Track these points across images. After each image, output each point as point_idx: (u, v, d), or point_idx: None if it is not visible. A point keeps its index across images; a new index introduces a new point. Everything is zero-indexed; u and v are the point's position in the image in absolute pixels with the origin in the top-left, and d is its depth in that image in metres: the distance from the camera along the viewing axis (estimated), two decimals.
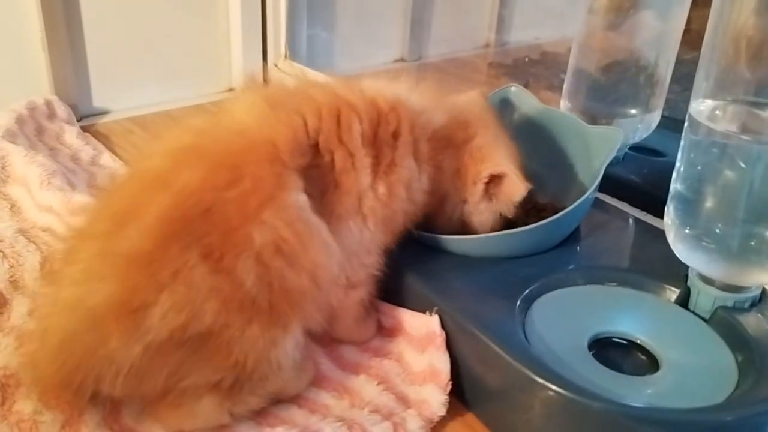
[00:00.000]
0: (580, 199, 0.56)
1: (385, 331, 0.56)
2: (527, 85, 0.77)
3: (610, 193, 0.72)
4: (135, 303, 0.41)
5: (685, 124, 0.52)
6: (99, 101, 1.03)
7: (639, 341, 0.51)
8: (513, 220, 0.60)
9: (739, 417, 0.43)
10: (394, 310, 0.55)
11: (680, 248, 0.53)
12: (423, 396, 0.49)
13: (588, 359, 0.49)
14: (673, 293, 0.54)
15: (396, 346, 0.55)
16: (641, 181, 0.78)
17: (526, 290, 0.53)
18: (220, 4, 1.10)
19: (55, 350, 0.43)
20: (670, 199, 0.54)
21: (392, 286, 0.56)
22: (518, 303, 0.52)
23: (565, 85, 0.82)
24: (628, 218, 0.67)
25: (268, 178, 0.45)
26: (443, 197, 0.58)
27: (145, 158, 0.50)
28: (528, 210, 0.64)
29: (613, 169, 0.66)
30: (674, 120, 0.74)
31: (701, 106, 0.50)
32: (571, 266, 0.58)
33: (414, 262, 0.56)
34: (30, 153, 0.79)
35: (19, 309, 0.56)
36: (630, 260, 0.61)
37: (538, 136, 0.68)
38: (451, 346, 0.51)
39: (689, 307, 0.54)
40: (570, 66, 0.81)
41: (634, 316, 0.53)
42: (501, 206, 0.58)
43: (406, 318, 0.54)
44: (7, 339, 0.53)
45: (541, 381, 0.44)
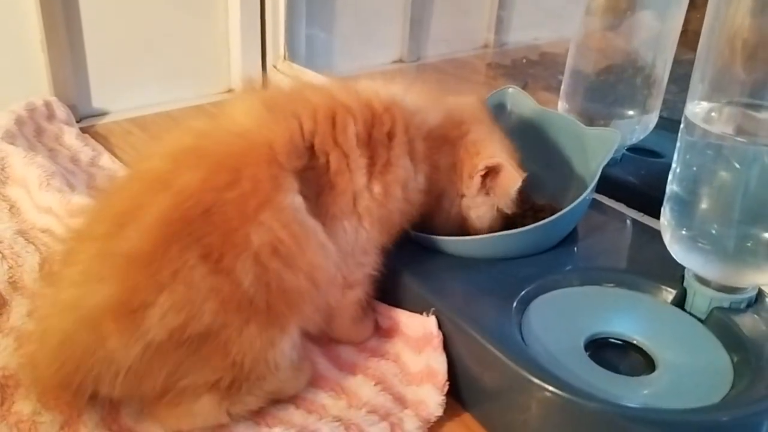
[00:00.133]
0: (577, 200, 0.57)
1: (382, 332, 0.57)
2: (526, 86, 0.77)
3: (607, 194, 0.72)
4: (134, 303, 0.42)
5: (681, 126, 0.52)
6: (98, 102, 1.03)
7: (635, 342, 0.51)
8: (512, 219, 0.61)
9: (735, 417, 0.43)
10: (391, 311, 0.55)
11: (676, 249, 0.53)
12: (420, 396, 0.50)
13: (584, 360, 0.49)
14: (670, 294, 0.55)
15: (393, 346, 0.55)
16: (638, 183, 0.78)
17: (523, 291, 0.54)
18: (219, 5, 1.10)
19: (54, 351, 0.43)
20: (667, 200, 0.54)
21: (389, 287, 0.56)
22: (515, 304, 0.52)
23: (563, 86, 0.82)
24: (625, 219, 0.67)
25: (266, 180, 0.45)
26: (440, 195, 0.58)
27: (145, 159, 0.50)
28: (525, 211, 0.64)
29: (611, 170, 0.66)
30: (672, 121, 0.74)
31: (697, 108, 0.50)
32: (568, 267, 0.58)
33: (411, 263, 0.57)
34: (29, 154, 0.79)
35: (18, 310, 0.57)
36: (627, 261, 0.61)
37: (535, 137, 0.68)
38: (448, 346, 0.51)
39: (685, 307, 0.54)
40: (567, 67, 0.81)
41: (630, 317, 0.53)
42: (498, 200, 0.58)
43: (403, 318, 0.54)
44: (6, 340, 0.53)
45: (537, 381, 0.44)
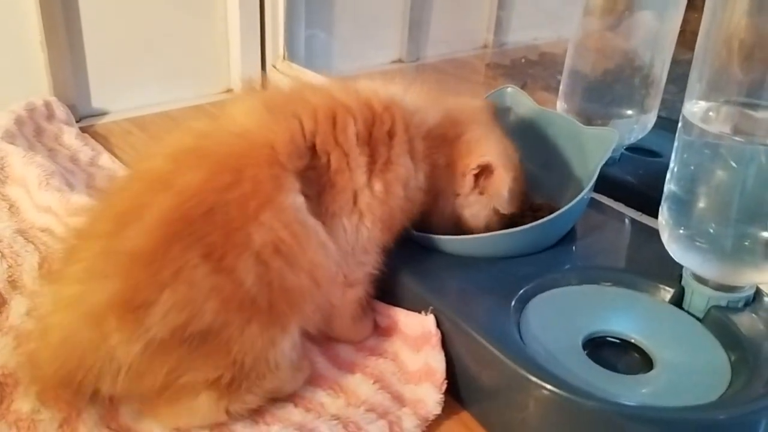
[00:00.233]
0: (576, 199, 0.57)
1: (380, 331, 0.57)
2: (525, 86, 0.77)
3: (606, 193, 0.72)
4: (137, 301, 0.42)
5: (679, 125, 0.52)
6: (98, 102, 1.03)
7: (633, 340, 0.51)
8: (510, 218, 0.61)
9: (732, 416, 0.43)
10: (390, 310, 0.56)
11: (674, 248, 0.53)
12: (418, 395, 0.50)
13: (582, 358, 0.49)
14: (668, 293, 0.55)
15: (391, 345, 0.55)
16: (637, 182, 0.78)
17: (522, 290, 0.54)
18: (218, 5, 1.10)
19: (56, 348, 0.43)
20: (664, 199, 0.54)
21: (388, 286, 0.56)
22: (513, 302, 0.52)
23: (561, 86, 0.82)
24: (624, 218, 0.67)
25: (267, 180, 0.46)
26: (438, 194, 0.58)
27: (146, 159, 0.50)
28: (524, 210, 0.64)
29: (609, 169, 0.67)
30: (670, 120, 0.74)
31: (694, 108, 0.50)
32: (567, 266, 0.58)
33: (409, 262, 0.57)
34: (29, 154, 0.79)
35: (17, 309, 0.57)
36: (625, 260, 0.61)
37: (533, 136, 0.68)
38: (446, 345, 0.51)
39: (683, 306, 0.54)
40: (566, 67, 0.81)
41: (628, 316, 0.53)
42: (492, 199, 0.58)
43: (402, 317, 0.54)
44: (5, 339, 0.53)
45: (535, 380, 0.44)
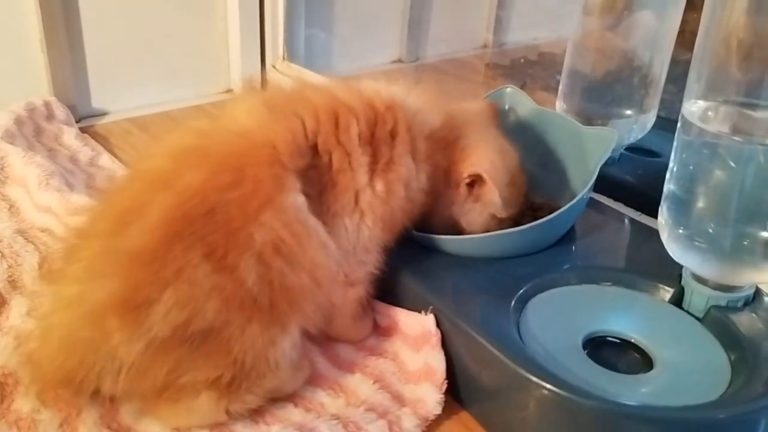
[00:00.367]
0: (575, 199, 0.57)
1: (380, 330, 0.57)
2: (524, 86, 0.77)
3: (605, 193, 0.73)
4: (138, 300, 0.42)
5: (678, 125, 0.52)
6: (98, 102, 1.03)
7: (633, 340, 0.51)
8: (513, 220, 0.61)
9: (732, 415, 0.43)
10: (390, 309, 0.56)
11: (674, 248, 0.53)
12: (418, 395, 0.50)
13: (582, 358, 0.49)
14: (667, 293, 0.55)
15: (391, 345, 0.55)
16: (636, 182, 0.78)
17: (521, 290, 0.54)
18: (218, 5, 1.10)
19: (57, 347, 0.43)
20: (664, 199, 0.54)
21: (388, 286, 0.56)
22: (513, 302, 0.52)
23: (561, 86, 0.82)
24: (623, 218, 0.67)
25: (268, 180, 0.46)
26: (438, 196, 0.58)
27: (147, 159, 0.50)
28: (524, 210, 0.64)
29: (609, 169, 0.67)
30: (670, 120, 0.74)
31: (693, 107, 0.50)
32: (566, 266, 0.58)
33: (410, 262, 0.57)
34: (28, 154, 0.79)
35: (17, 309, 0.57)
36: (624, 260, 0.61)
37: (533, 136, 0.68)
38: (446, 345, 0.51)
39: (683, 306, 0.54)
40: (565, 67, 0.81)
41: (628, 316, 0.53)
42: (487, 207, 0.58)
43: (402, 317, 0.54)
44: (5, 338, 0.53)
45: (535, 380, 0.44)
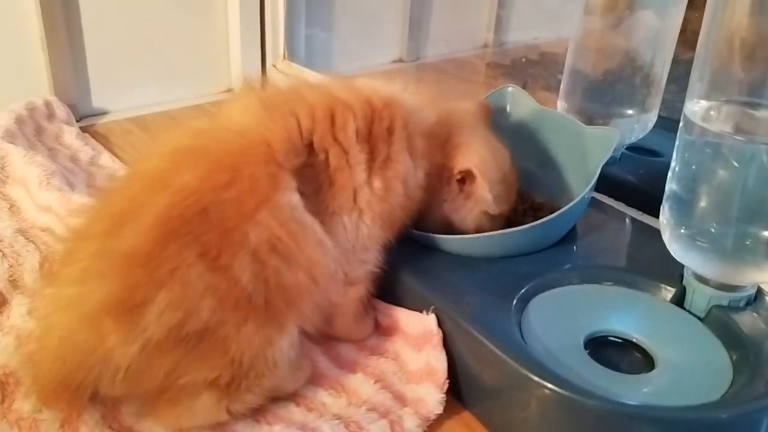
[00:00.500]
0: (577, 198, 0.57)
1: (382, 330, 0.57)
2: (525, 86, 0.77)
3: (606, 192, 0.72)
4: (133, 301, 0.42)
5: (680, 124, 0.52)
6: (98, 102, 1.03)
7: (635, 340, 0.51)
8: (511, 218, 0.61)
9: (734, 415, 0.43)
10: (391, 309, 0.56)
11: (675, 248, 0.53)
12: (420, 394, 0.50)
13: (584, 358, 0.49)
14: (669, 292, 0.55)
15: (393, 344, 0.55)
16: (638, 181, 0.78)
17: (523, 289, 0.54)
18: (218, 5, 1.10)
19: (55, 349, 0.43)
20: (666, 198, 0.54)
21: (389, 285, 0.56)
22: (515, 302, 0.52)
23: (562, 85, 0.82)
24: (625, 218, 0.67)
25: (263, 179, 0.46)
26: (434, 193, 0.58)
27: (144, 159, 0.50)
28: (524, 210, 0.64)
29: (610, 169, 0.67)
30: (671, 120, 0.74)
31: (696, 107, 0.50)
32: (568, 265, 0.58)
33: (411, 261, 0.57)
34: (29, 153, 0.79)
35: (18, 308, 0.57)
36: (626, 259, 0.61)
37: (534, 136, 0.68)
38: (447, 344, 0.51)
39: (685, 306, 0.54)
40: (566, 66, 0.81)
41: (629, 315, 0.53)
42: (479, 204, 0.58)
43: (403, 317, 0.54)
44: (6, 338, 0.53)
45: (537, 379, 0.44)
